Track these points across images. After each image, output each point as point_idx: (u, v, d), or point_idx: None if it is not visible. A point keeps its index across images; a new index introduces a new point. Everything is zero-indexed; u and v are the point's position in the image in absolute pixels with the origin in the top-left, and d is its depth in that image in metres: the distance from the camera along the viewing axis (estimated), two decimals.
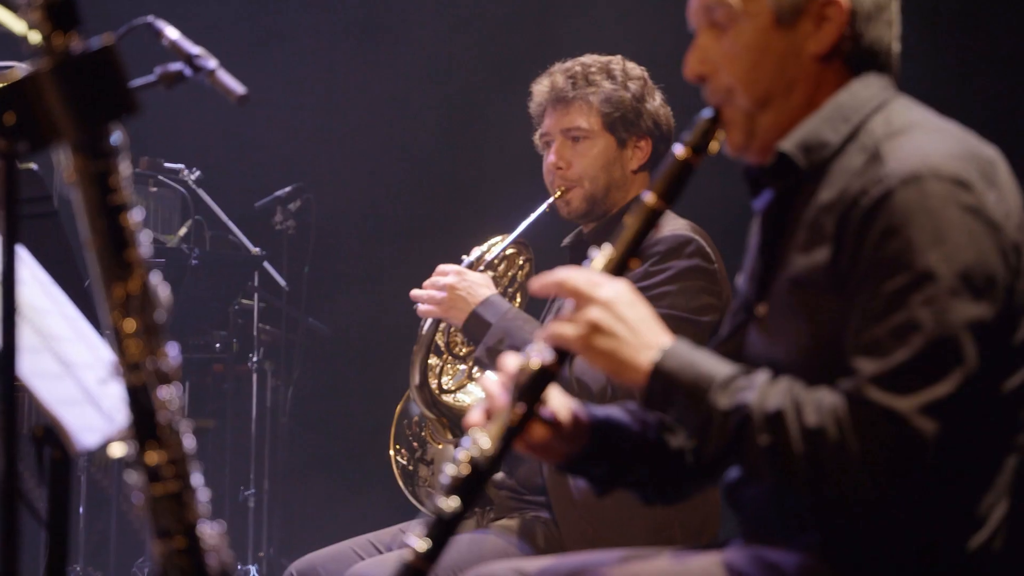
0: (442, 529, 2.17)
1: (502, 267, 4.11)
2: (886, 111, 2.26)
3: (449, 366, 4.06)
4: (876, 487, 2.00)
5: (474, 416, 2.29)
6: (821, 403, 2.05)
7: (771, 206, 2.35)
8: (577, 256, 3.99)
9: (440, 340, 4.01)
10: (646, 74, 3.96)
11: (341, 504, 7.26)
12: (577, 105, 3.88)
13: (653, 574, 2.31)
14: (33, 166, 3.34)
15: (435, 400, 3.94)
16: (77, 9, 1.67)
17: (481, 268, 3.92)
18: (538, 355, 2.24)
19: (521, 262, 4.16)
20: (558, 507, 3.67)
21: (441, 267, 3.83)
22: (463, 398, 4.03)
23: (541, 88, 3.97)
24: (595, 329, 2.17)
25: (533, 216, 3.94)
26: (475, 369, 4.06)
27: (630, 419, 2.48)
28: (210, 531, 1.78)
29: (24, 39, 1.69)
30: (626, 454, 2.45)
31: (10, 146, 1.67)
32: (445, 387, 4.00)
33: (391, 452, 4.16)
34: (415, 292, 3.83)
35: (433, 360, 4.00)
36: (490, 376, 2.32)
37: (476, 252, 3.98)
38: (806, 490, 2.07)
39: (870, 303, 2.06)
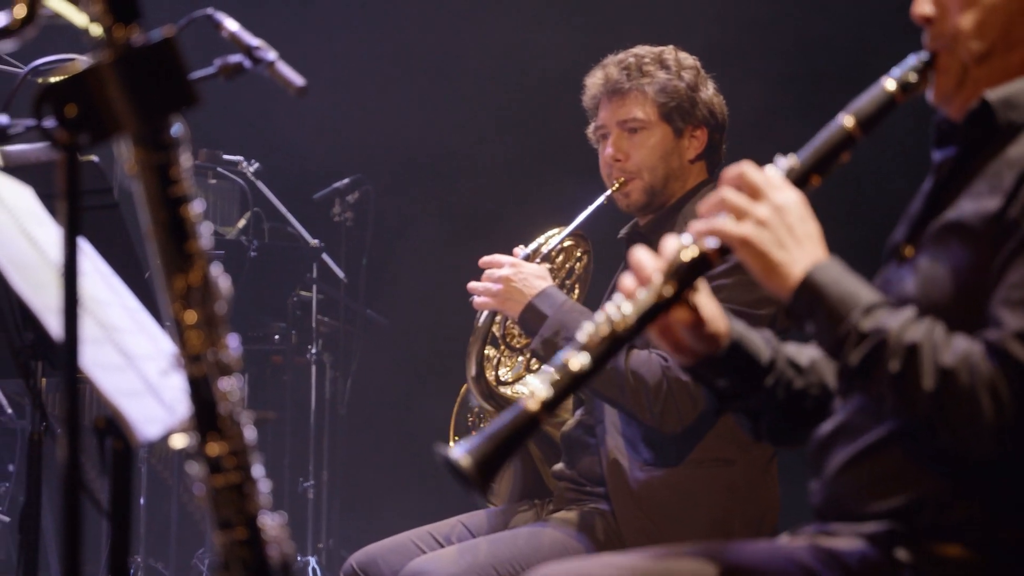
0: (567, 382, 2.14)
1: (560, 259, 4.10)
2: None
3: (506, 358, 4.05)
4: (993, 442, 2.00)
5: (622, 281, 2.26)
6: (959, 348, 2.04)
7: (951, 158, 2.34)
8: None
9: (497, 332, 4.01)
10: (698, 63, 3.95)
11: (400, 495, 7.27)
12: (633, 96, 3.87)
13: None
14: (94, 158, 3.36)
15: (492, 392, 3.93)
16: (138, 1, 1.68)
17: (538, 260, 3.91)
18: (698, 242, 2.22)
19: (579, 254, 4.14)
20: (616, 499, 3.66)
21: (497, 258, 3.82)
22: (521, 390, 4.02)
23: (595, 80, 3.96)
24: (761, 227, 2.16)
25: (591, 208, 3.93)
26: (532, 361, 4.05)
27: (766, 345, 2.47)
28: (271, 522, 1.78)
29: (85, 32, 1.69)
30: (753, 376, 2.44)
31: (72, 138, 1.67)
32: (502, 379, 4.00)
33: (451, 444, 4.16)
34: (472, 284, 3.83)
35: (491, 352, 3.99)
36: (642, 249, 2.29)
37: (533, 244, 3.97)
38: (924, 428, 2.06)
39: None
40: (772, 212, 2.17)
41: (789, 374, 2.47)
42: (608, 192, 3.91)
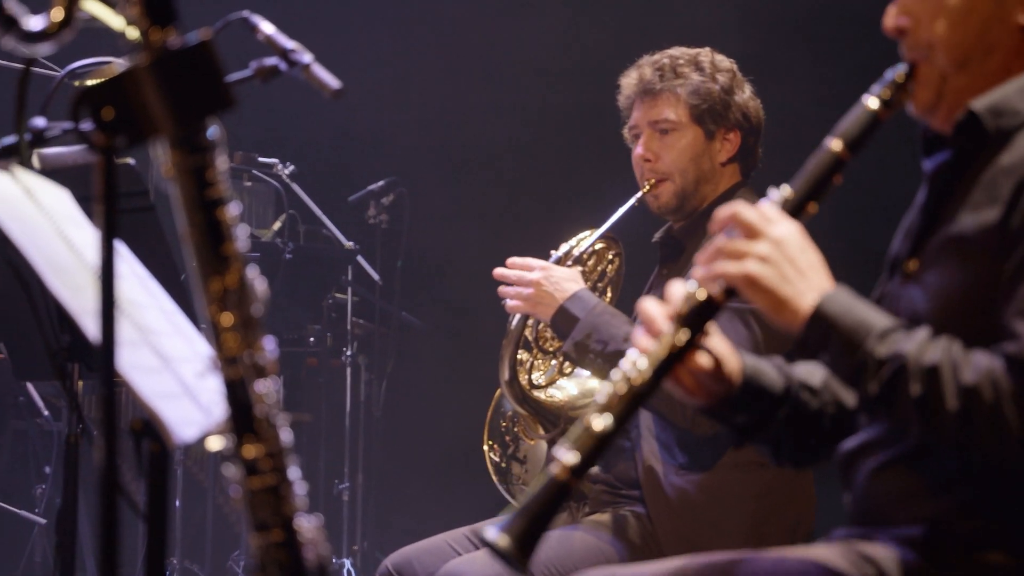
0: (592, 445, 2.14)
1: (591, 262, 4.09)
2: None
3: (540, 361, 4.05)
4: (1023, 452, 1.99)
5: (635, 335, 2.26)
6: (979, 364, 2.03)
7: (944, 167, 2.33)
8: (667, 253, 3.97)
9: (530, 335, 4.00)
10: (735, 66, 3.94)
11: (435, 497, 7.28)
12: (665, 97, 3.87)
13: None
14: (130, 161, 3.37)
15: (525, 396, 3.93)
16: (174, 4, 1.68)
17: (569, 263, 3.91)
18: (704, 286, 2.21)
19: (611, 257, 4.14)
20: (651, 503, 3.65)
21: (528, 262, 3.82)
22: (554, 393, 4.02)
23: (629, 81, 3.96)
24: (763, 264, 2.15)
25: (622, 210, 3.93)
26: (565, 364, 4.05)
27: (777, 374, 2.45)
28: (307, 524, 1.78)
29: (122, 35, 1.70)
30: (770, 407, 2.43)
31: (109, 141, 1.68)
32: (536, 383, 3.99)
33: (485, 448, 4.15)
34: (503, 288, 3.83)
35: (524, 356, 3.99)
36: (649, 301, 2.29)
37: (564, 247, 3.97)
38: (953, 447, 2.05)
39: None
40: (771, 247, 2.15)
41: (804, 397, 2.46)
42: (639, 194, 3.91)
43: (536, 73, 7.68)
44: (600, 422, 2.15)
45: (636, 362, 2.19)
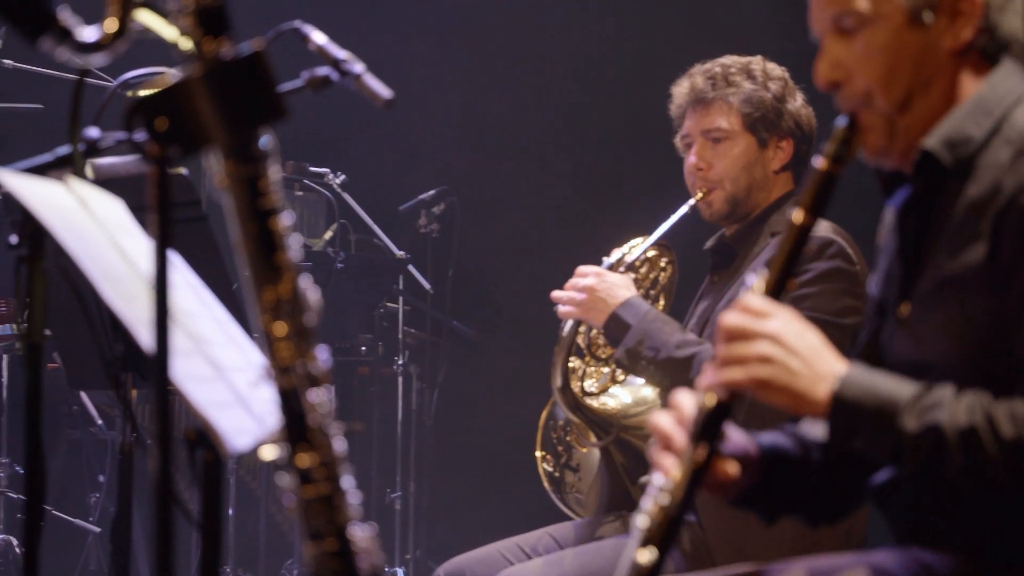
0: None
1: (644, 269, 4.09)
2: None
3: (592, 369, 4.05)
4: None
5: (655, 457, 2.22)
6: (1014, 412, 2.00)
7: (910, 205, 2.30)
8: (719, 259, 3.96)
9: (582, 342, 4.00)
10: (787, 74, 3.94)
11: (487, 506, 7.27)
12: (717, 105, 3.86)
13: None
14: (183, 171, 3.39)
15: (578, 403, 3.93)
16: (227, 15, 1.69)
17: (621, 270, 3.91)
18: (712, 391, 2.18)
19: (663, 264, 4.14)
20: (703, 510, 3.64)
21: (581, 268, 3.83)
22: (607, 401, 4.01)
23: (681, 90, 3.96)
24: (767, 365, 2.11)
25: (674, 218, 3.93)
26: (618, 372, 4.04)
27: (792, 443, 2.42)
28: (361, 533, 1.78)
29: (175, 45, 1.70)
30: (794, 481, 2.40)
31: (162, 151, 1.68)
32: (588, 390, 3.99)
33: (537, 456, 4.15)
34: (555, 293, 3.84)
35: (576, 363, 3.99)
36: (660, 415, 2.26)
37: (616, 254, 3.97)
38: (1010, 500, 2.03)
39: None
40: (770, 345, 2.11)
41: (821, 455, 2.43)
42: (691, 201, 3.91)
43: (588, 79, 7.68)
44: (646, 556, 2.13)
45: (664, 488, 2.16)
